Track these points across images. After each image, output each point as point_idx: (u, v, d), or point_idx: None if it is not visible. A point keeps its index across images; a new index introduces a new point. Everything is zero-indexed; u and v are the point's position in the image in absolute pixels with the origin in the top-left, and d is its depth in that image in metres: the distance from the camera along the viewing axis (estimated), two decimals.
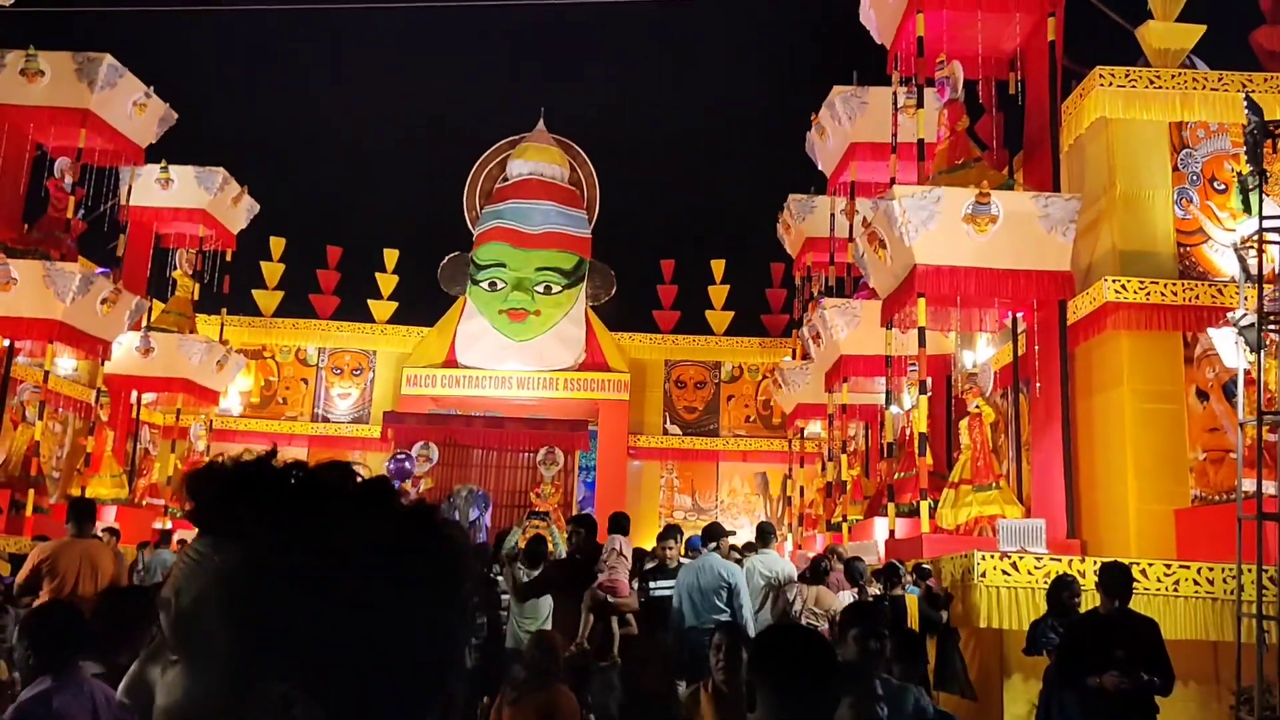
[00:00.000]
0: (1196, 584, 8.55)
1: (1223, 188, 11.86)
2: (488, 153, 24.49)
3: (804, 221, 19.61)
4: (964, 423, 12.68)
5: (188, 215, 19.30)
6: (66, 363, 17.60)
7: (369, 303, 23.90)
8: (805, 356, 18.81)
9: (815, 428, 19.90)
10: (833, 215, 17.80)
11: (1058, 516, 11.14)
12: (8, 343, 15.53)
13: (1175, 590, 8.52)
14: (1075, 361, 11.89)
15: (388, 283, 24.05)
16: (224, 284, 20.58)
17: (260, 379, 23.40)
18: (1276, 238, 8.20)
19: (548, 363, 22.30)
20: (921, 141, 12.40)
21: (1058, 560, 8.94)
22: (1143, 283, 11.32)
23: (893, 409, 15.06)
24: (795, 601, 8.57)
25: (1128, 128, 12.00)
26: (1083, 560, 8.98)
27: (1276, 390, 10.35)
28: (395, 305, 23.91)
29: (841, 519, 16.14)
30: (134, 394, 19.02)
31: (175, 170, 19.00)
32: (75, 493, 16.50)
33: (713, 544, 8.51)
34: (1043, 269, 11.40)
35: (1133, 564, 8.23)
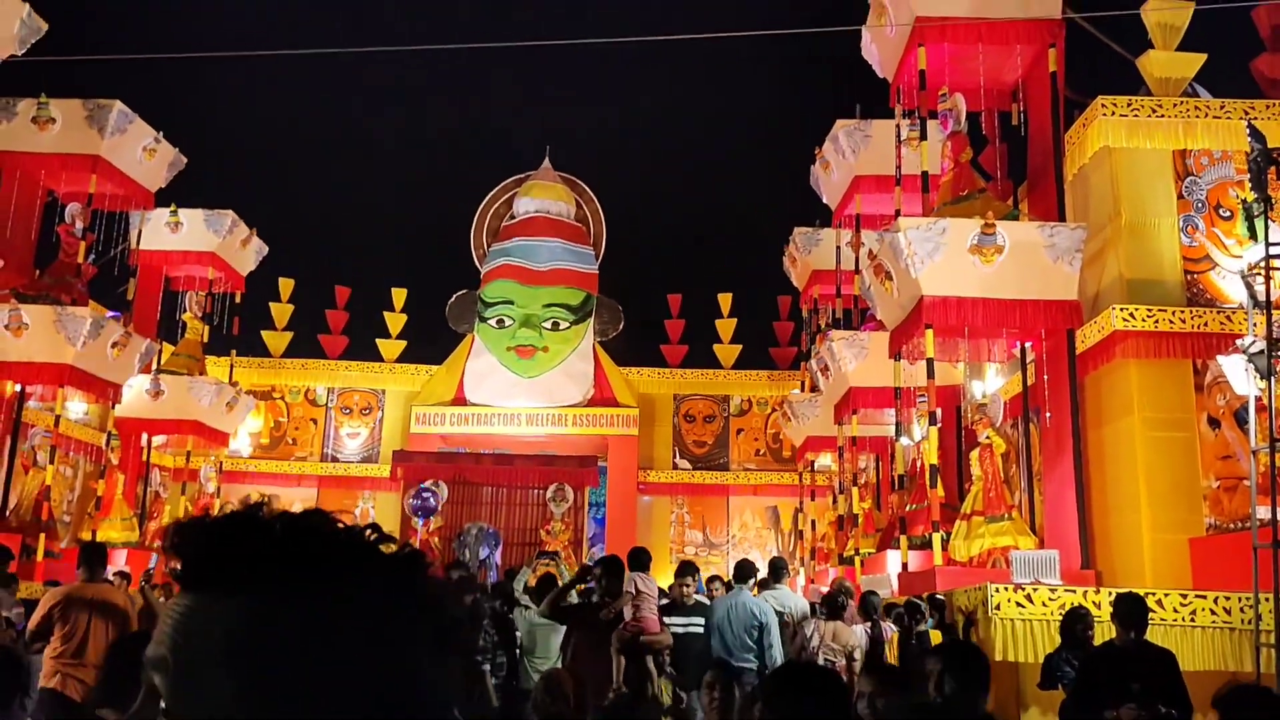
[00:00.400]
0: (1213, 613, 8.47)
1: (1228, 215, 11.87)
2: (494, 191, 24.65)
3: (810, 254, 19.66)
4: (975, 453, 12.62)
5: (197, 258, 19.41)
6: (77, 406, 17.65)
7: (377, 342, 23.97)
8: (814, 389, 18.78)
9: (826, 460, 19.83)
10: (838, 247, 17.84)
11: (1071, 547, 11.06)
12: (19, 387, 15.62)
13: (1192, 620, 8.44)
14: (1085, 390, 11.85)
15: (396, 321, 24.14)
16: (233, 326, 20.67)
17: (270, 420, 23.44)
18: None
19: (556, 399, 22.30)
20: (925, 173, 12.45)
21: (1072, 591, 8.87)
22: (1150, 310, 11.31)
23: (903, 441, 15.01)
24: (812, 638, 8.52)
25: (1131, 156, 12.04)
26: (1097, 591, 8.91)
27: None
28: (404, 344, 23.98)
29: (854, 552, 16.05)
30: (144, 437, 19.06)
31: (184, 214, 19.14)
32: (86, 537, 16.50)
33: (750, 581, 8.48)
34: (1050, 298, 11.39)
35: (1148, 594, 8.16)
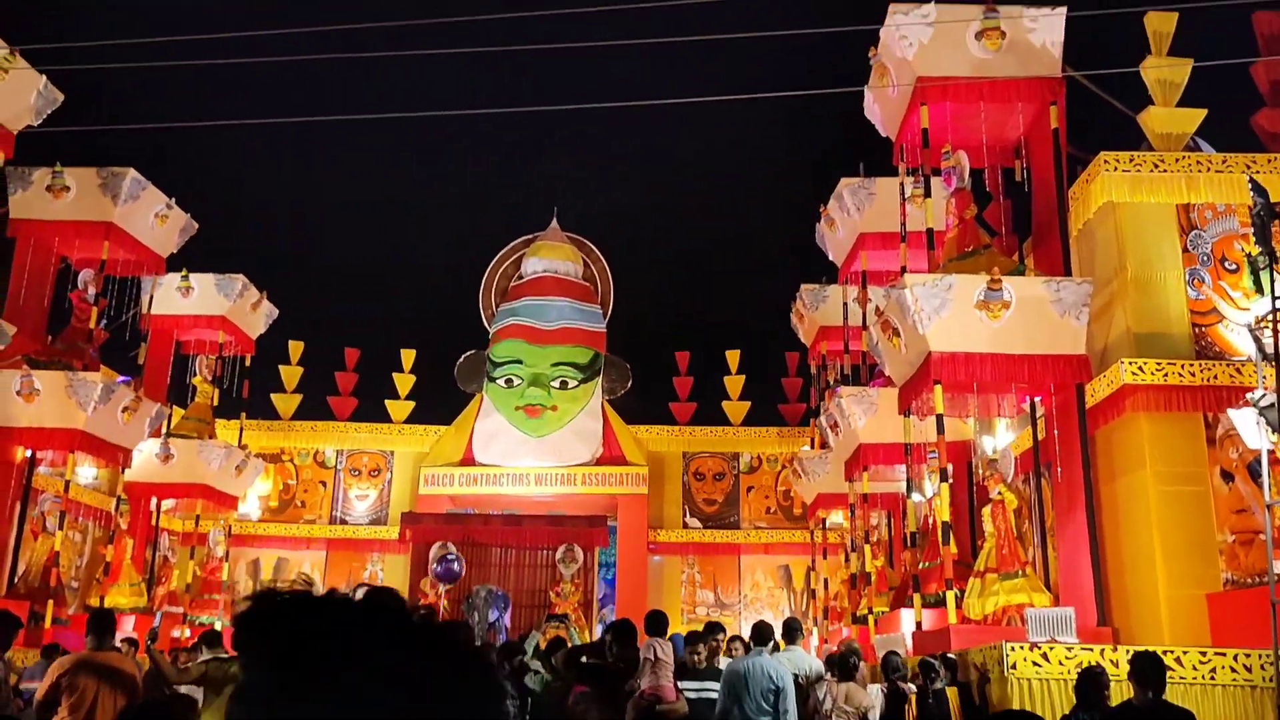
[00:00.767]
0: (1234, 671, 8.34)
1: (1234, 268, 11.89)
2: (503, 251, 24.82)
3: (817, 310, 19.72)
4: (987, 510, 12.54)
5: (208, 322, 19.55)
6: (87, 471, 17.68)
7: (386, 403, 24.00)
8: (824, 445, 18.72)
9: (837, 518, 19.68)
10: (845, 304, 17.90)
11: (1087, 604, 10.93)
12: (29, 453, 15.66)
13: (1212, 678, 8.31)
14: (1096, 445, 11.80)
15: (405, 382, 24.19)
16: (243, 389, 20.75)
17: (279, 482, 23.40)
18: None
19: (565, 458, 22.25)
20: (930, 230, 12.53)
21: (1089, 650, 8.75)
22: (1160, 364, 11.29)
23: (914, 497, 14.92)
24: (825, 700, 8.41)
25: (1135, 211, 12.10)
26: (1115, 649, 8.79)
27: None
28: (412, 405, 23.99)
29: (867, 611, 15.87)
30: (153, 501, 19.05)
31: (195, 278, 19.32)
32: (94, 603, 16.42)
33: (770, 644, 8.40)
34: (1058, 353, 11.39)
35: (1166, 652, 8.05)
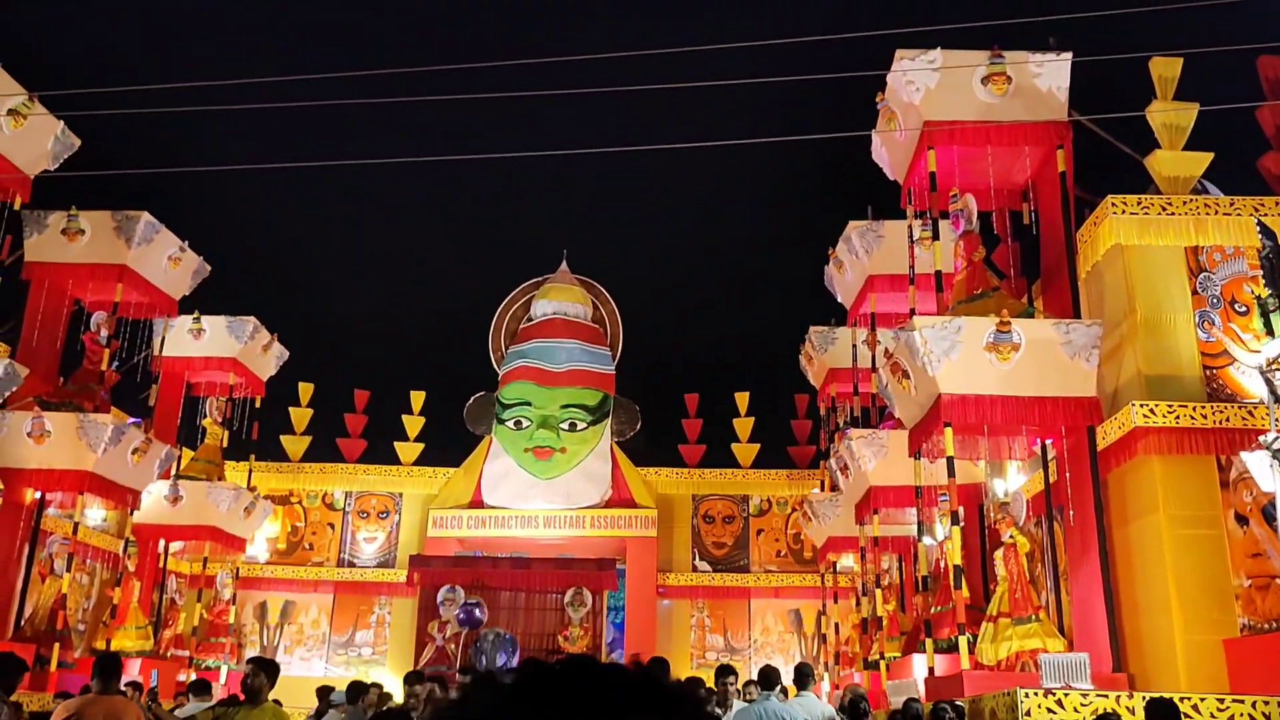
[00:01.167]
0: (1252, 718, 8.21)
1: (1244, 310, 11.87)
2: (512, 294, 24.92)
3: (826, 353, 19.72)
4: (999, 553, 12.44)
5: (219, 364, 19.63)
6: (95, 513, 17.68)
7: (395, 445, 23.99)
8: (834, 488, 18.62)
9: (848, 561, 19.54)
10: (854, 346, 17.90)
11: (1102, 649, 10.81)
12: (39, 495, 15.66)
13: None
14: (1108, 488, 11.72)
15: (414, 424, 24.19)
16: (253, 431, 20.78)
17: (287, 525, 23.35)
18: None
19: (574, 500, 22.17)
20: (939, 273, 12.56)
21: (1105, 696, 8.64)
22: (1171, 406, 11.23)
23: (926, 540, 14.82)
24: None
25: (1144, 254, 12.11)
26: (1130, 695, 8.67)
27: None
28: (421, 447, 23.97)
29: (879, 656, 15.71)
30: (161, 543, 19.01)
31: (207, 320, 19.43)
32: (101, 645, 16.35)
33: (777, 689, 8.32)
34: (1068, 395, 11.36)
35: (1184, 698, 7.94)
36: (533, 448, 22.42)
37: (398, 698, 10.64)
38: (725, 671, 8.77)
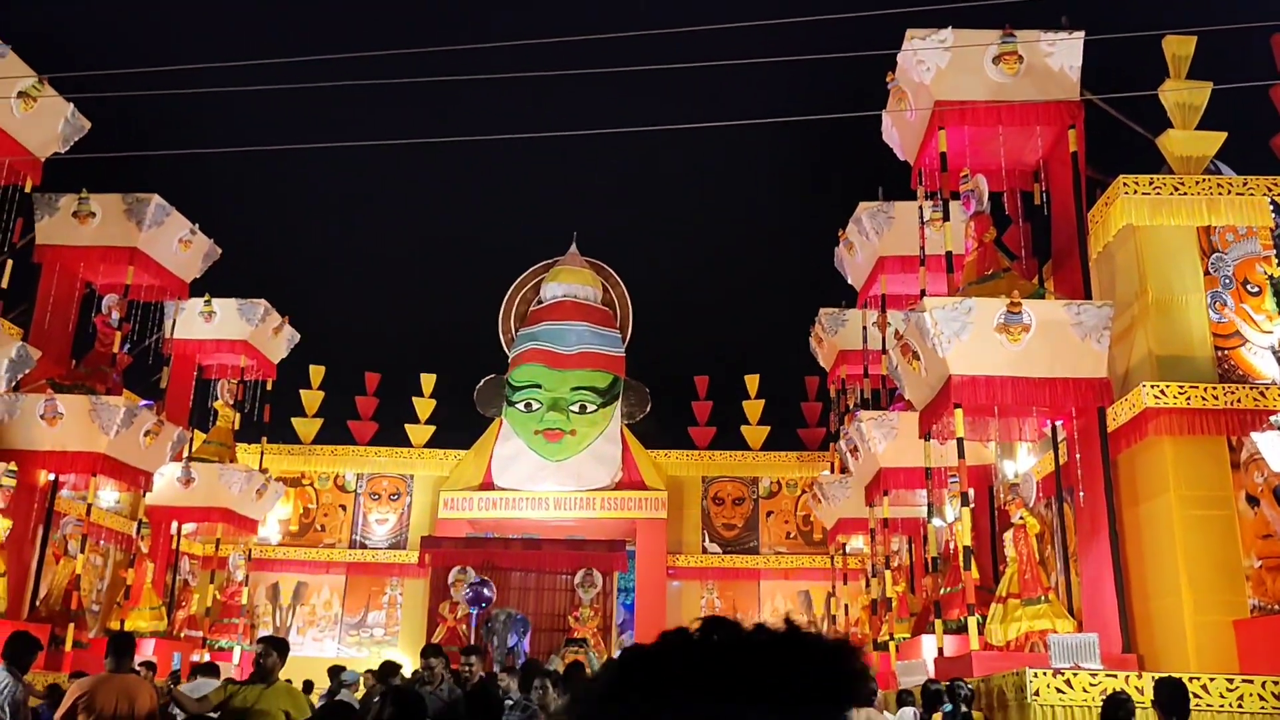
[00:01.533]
0: (1261, 699, 8.22)
1: (1256, 290, 11.80)
2: (522, 276, 24.92)
3: (836, 335, 19.69)
4: (1009, 534, 12.44)
5: (230, 346, 19.68)
6: (109, 495, 17.78)
7: (406, 427, 24.05)
8: (844, 470, 18.64)
9: (858, 543, 19.57)
10: (865, 328, 17.86)
11: (1111, 630, 10.81)
12: (52, 477, 15.76)
13: (1239, 706, 8.19)
14: (1119, 469, 11.69)
15: (425, 407, 24.25)
16: (264, 413, 20.85)
17: (299, 506, 23.46)
18: None
19: (584, 482, 22.22)
20: (949, 253, 12.52)
21: (1114, 676, 8.64)
22: (1182, 387, 11.19)
23: (935, 522, 14.82)
24: None
25: (1156, 234, 12.04)
26: (1140, 675, 8.68)
27: None
28: (432, 429, 24.04)
29: (889, 637, 15.74)
30: (174, 525, 19.13)
31: (218, 303, 19.47)
32: (115, 626, 16.48)
33: None
34: (1079, 376, 11.33)
35: (1193, 679, 7.95)
36: (543, 430, 22.46)
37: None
38: None
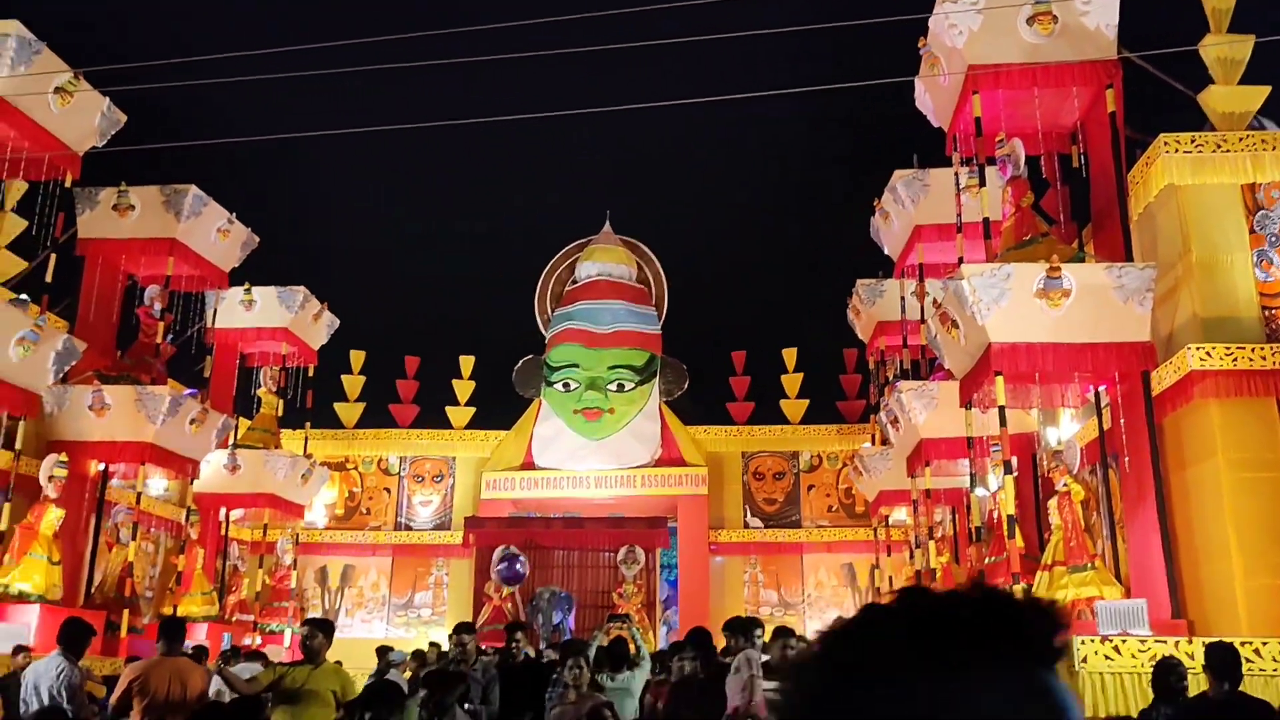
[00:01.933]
0: None
1: None
2: (556, 256, 24.95)
3: (874, 306, 19.54)
4: (1053, 502, 12.32)
5: (271, 334, 19.90)
6: (158, 483, 18.09)
7: (447, 410, 24.23)
8: (885, 442, 18.54)
9: (900, 514, 19.48)
10: (902, 298, 17.70)
11: (1160, 596, 10.68)
12: (103, 466, 16.06)
13: None
14: (1164, 433, 11.52)
15: (464, 389, 24.41)
16: (307, 399, 21.09)
17: (344, 490, 23.74)
18: None
19: (624, 460, 22.28)
20: (987, 220, 12.34)
21: (1163, 642, 8.56)
22: (1229, 349, 10.99)
23: (978, 491, 14.71)
24: None
25: (1198, 193, 11.80)
26: (1190, 641, 8.58)
27: None
28: (473, 411, 24.21)
29: None
30: (222, 511, 19.43)
31: (258, 291, 19.68)
32: (167, 612, 16.79)
33: None
34: (1122, 340, 11.16)
35: (1245, 643, 7.84)
36: (581, 409, 22.54)
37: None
38: (785, 633, 7.87)
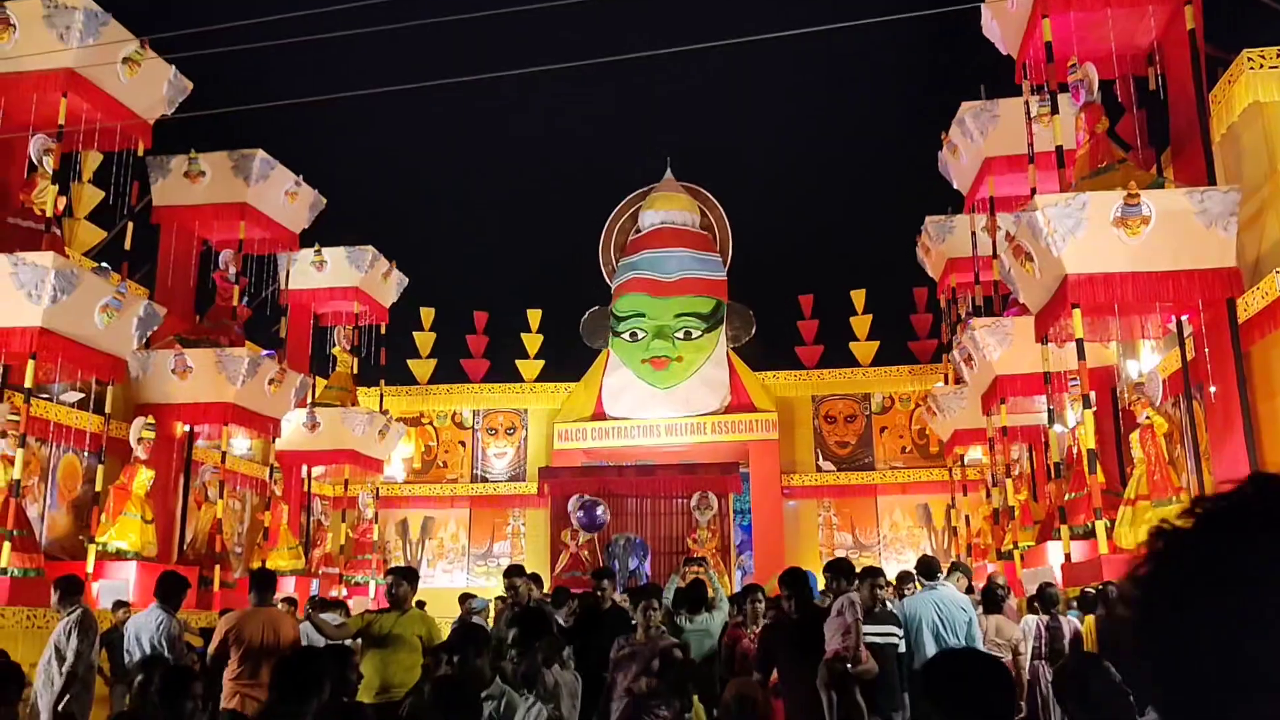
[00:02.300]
0: None
1: None
2: (619, 206, 24.87)
3: (944, 243, 19.17)
4: (1135, 435, 12.08)
5: (342, 294, 20.20)
6: (241, 443, 18.57)
7: (517, 363, 24.45)
8: (958, 381, 18.29)
9: (976, 453, 19.25)
10: (973, 233, 17.34)
11: None
12: (188, 428, 16.53)
13: None
14: (1252, 361, 11.17)
15: (533, 342, 24.58)
16: (380, 356, 21.41)
17: (420, 445, 24.15)
18: None
19: (694, 408, 22.31)
20: (1060, 149, 11.98)
21: None
22: None
23: (1057, 428, 14.46)
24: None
25: None
26: None
27: None
28: (542, 363, 24.39)
29: (1012, 546, 15.52)
30: (304, 468, 19.91)
31: (328, 252, 19.96)
32: (256, 566, 17.31)
33: (941, 576, 8.23)
34: (1205, 267, 10.81)
35: None
36: (649, 358, 22.57)
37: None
38: (873, 573, 7.57)
